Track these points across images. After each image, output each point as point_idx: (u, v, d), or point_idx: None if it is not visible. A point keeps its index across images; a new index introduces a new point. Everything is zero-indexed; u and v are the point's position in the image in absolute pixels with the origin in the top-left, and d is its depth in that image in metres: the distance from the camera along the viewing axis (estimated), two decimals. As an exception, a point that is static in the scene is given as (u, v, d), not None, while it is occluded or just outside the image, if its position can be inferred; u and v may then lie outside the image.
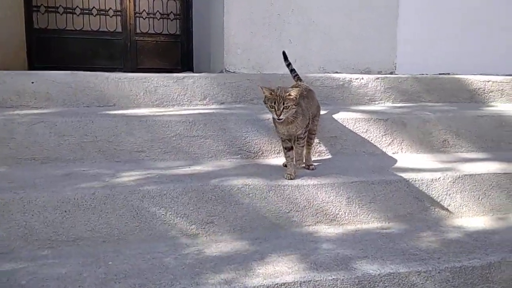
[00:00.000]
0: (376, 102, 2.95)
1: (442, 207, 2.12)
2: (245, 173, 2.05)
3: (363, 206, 2.03)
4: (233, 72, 3.80)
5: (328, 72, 4.03)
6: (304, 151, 2.18)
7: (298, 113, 1.92)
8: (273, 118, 2.00)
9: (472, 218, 2.12)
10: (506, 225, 2.05)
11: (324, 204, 1.99)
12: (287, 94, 1.87)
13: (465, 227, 2.01)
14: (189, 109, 2.55)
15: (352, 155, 2.44)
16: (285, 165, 2.20)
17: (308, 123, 2.04)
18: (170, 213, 1.81)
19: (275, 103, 1.85)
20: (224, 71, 3.82)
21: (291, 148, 2.04)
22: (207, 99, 2.68)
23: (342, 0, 3.83)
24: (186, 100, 2.65)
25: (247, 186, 1.91)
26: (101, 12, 4.63)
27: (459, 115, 2.64)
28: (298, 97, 1.89)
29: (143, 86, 2.58)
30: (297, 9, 3.77)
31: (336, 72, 4.04)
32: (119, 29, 4.71)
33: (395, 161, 2.38)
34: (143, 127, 2.19)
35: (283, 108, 1.85)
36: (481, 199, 2.17)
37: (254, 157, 2.32)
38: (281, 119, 1.87)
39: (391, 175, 2.12)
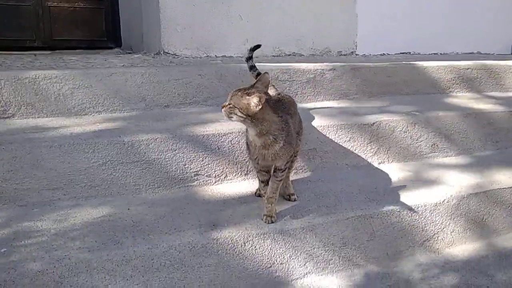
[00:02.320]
0: (351, 97, 2.50)
1: (446, 235, 1.77)
2: (209, 217, 1.50)
3: (360, 246, 1.60)
4: (173, 54, 3.13)
5: (285, 53, 3.51)
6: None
7: (278, 137, 1.39)
8: (248, 135, 1.45)
9: (477, 244, 1.78)
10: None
11: (315, 250, 1.52)
12: (243, 92, 1.32)
13: (474, 260, 1.68)
14: (121, 119, 1.90)
15: (334, 170, 1.98)
16: (258, 195, 1.69)
17: (293, 154, 1.52)
18: (105, 294, 1.23)
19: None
20: (162, 52, 3.13)
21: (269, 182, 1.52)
22: (146, 101, 2.03)
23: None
24: (117, 104, 1.98)
25: (215, 242, 1.37)
26: (1, -29, 3.66)
27: (447, 114, 2.27)
28: (251, 105, 1.30)
29: (55, 88, 1.86)
30: (248, -21, 3.17)
31: (293, 53, 3.53)
32: (27, -7, 3.79)
33: (385, 175, 1.97)
34: (56, 155, 1.53)
35: (228, 106, 1.32)
36: (486, 219, 1.84)
37: (215, 182, 1.77)
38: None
39: (391, 203, 1.69)
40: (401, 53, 3.97)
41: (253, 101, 1.29)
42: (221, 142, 1.76)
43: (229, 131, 1.78)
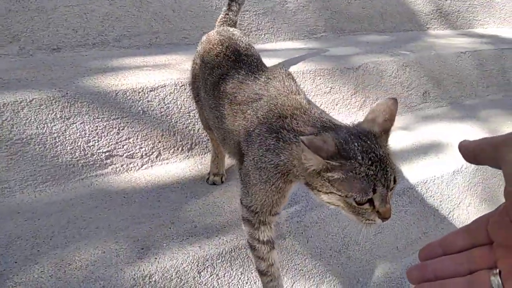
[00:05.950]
0: (319, 35, 1.90)
1: (462, 211, 1.35)
2: (138, 232, 0.88)
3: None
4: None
5: None
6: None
7: None
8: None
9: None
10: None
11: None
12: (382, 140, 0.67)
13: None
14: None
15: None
16: (213, 182, 1.09)
17: None
18: None
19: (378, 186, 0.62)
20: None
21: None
22: (21, 42, 1.25)
23: None
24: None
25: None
26: None
27: (440, 54, 1.80)
28: None
29: None
30: None
31: None
32: None
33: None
34: None
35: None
36: (502, 184, 1.43)
37: (143, 165, 1.13)
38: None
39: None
40: None
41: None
42: (148, 101, 1.11)
43: (160, 83, 1.13)
